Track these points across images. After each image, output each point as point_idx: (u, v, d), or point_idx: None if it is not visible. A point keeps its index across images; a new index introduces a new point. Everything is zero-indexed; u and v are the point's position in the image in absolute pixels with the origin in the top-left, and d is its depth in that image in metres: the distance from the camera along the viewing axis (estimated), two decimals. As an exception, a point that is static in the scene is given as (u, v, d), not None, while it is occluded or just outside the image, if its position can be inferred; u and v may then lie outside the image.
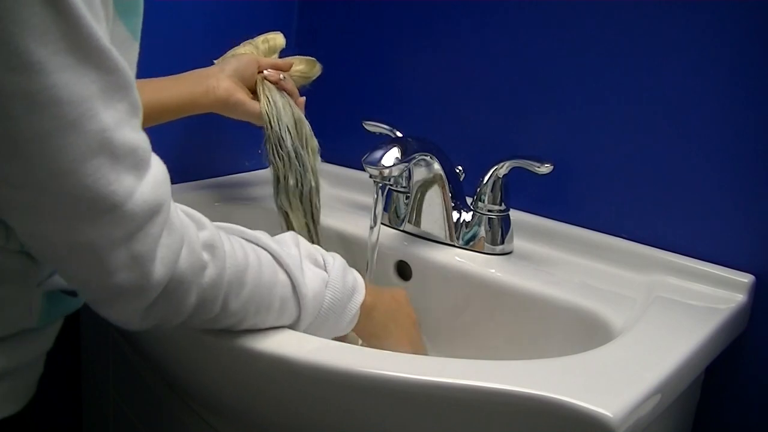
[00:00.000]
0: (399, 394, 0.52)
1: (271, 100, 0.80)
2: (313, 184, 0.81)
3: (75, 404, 1.01)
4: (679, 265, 0.75)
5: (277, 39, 0.88)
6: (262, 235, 0.57)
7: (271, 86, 0.81)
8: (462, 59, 0.92)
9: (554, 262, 0.80)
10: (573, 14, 0.81)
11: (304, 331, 0.59)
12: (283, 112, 0.80)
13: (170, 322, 0.50)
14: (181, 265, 0.47)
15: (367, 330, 0.65)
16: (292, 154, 0.80)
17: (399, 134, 0.87)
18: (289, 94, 0.83)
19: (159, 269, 0.45)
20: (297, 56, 0.89)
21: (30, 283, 0.52)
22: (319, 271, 0.60)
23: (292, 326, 0.58)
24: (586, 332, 0.68)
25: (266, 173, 1.09)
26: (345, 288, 0.61)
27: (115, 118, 0.41)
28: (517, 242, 0.83)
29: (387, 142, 0.74)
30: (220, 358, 0.60)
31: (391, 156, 0.71)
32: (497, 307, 0.76)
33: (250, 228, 0.59)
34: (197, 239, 0.49)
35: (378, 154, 0.71)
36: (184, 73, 0.79)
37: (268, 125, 0.80)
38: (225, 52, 1.03)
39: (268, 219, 0.94)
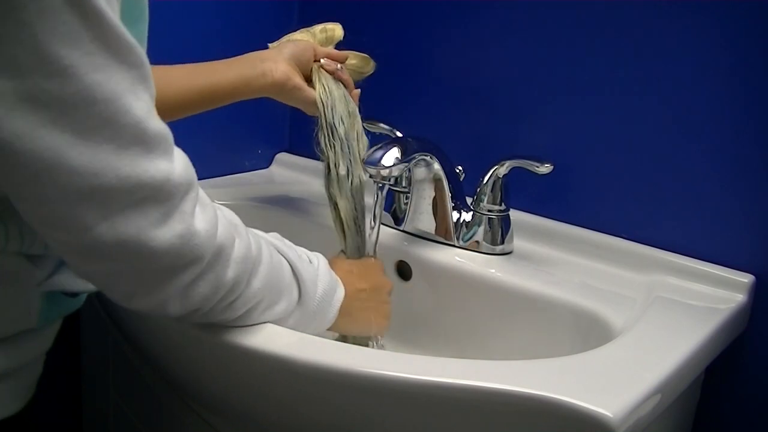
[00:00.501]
0: (399, 394, 0.52)
1: (327, 88, 0.78)
2: (363, 177, 0.78)
3: (75, 404, 1.01)
4: (679, 265, 0.75)
5: (336, 30, 0.86)
6: (255, 230, 0.59)
7: (328, 75, 0.80)
8: (462, 59, 0.92)
9: (554, 262, 0.80)
10: (573, 14, 0.81)
11: (299, 322, 0.59)
12: (338, 102, 0.78)
13: (206, 305, 0.51)
14: (219, 236, 0.49)
15: (342, 327, 0.66)
16: (345, 144, 0.77)
17: (399, 134, 0.87)
18: (345, 86, 0.81)
19: (203, 240, 0.47)
20: (352, 51, 0.86)
21: (29, 285, 0.52)
22: (309, 265, 0.62)
23: (295, 312, 0.59)
24: (586, 332, 0.68)
25: (266, 173, 1.09)
26: (331, 282, 0.63)
27: (144, 109, 0.43)
28: (517, 242, 0.83)
29: (387, 142, 0.74)
30: (219, 358, 0.60)
31: (391, 156, 0.71)
32: (497, 307, 0.76)
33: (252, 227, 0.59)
34: (223, 216, 0.51)
35: (378, 154, 0.71)
36: (241, 56, 0.78)
37: (323, 113, 0.77)
38: (226, 52, 1.03)
39: (268, 219, 0.94)
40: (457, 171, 0.84)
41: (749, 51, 0.70)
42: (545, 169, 0.75)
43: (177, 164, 0.45)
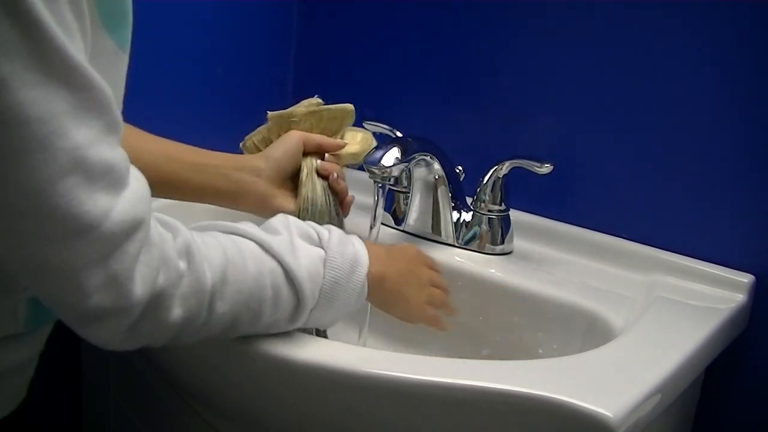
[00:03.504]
0: (399, 394, 0.52)
1: (308, 198, 0.70)
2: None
3: (75, 404, 1.01)
4: (679, 265, 0.75)
5: (347, 116, 0.76)
6: (246, 226, 0.55)
7: (316, 181, 0.71)
8: (462, 59, 0.92)
9: (554, 262, 0.80)
10: (572, 15, 0.81)
11: (313, 316, 0.56)
12: (317, 215, 0.70)
13: (158, 341, 0.48)
14: (159, 280, 0.46)
15: (381, 300, 0.63)
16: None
17: (399, 134, 0.87)
18: (336, 193, 0.73)
19: (139, 288, 0.44)
20: (352, 130, 0.78)
21: (13, 290, 0.51)
22: (315, 249, 0.57)
23: (297, 314, 0.55)
24: (586, 332, 0.68)
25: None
26: (344, 261, 0.57)
27: (88, 136, 0.40)
28: (517, 242, 0.83)
29: (387, 142, 0.74)
30: (220, 359, 0.60)
31: (391, 156, 0.71)
32: (497, 307, 0.76)
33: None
34: (173, 250, 0.47)
35: (378, 154, 0.71)
36: (219, 155, 0.71)
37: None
38: (225, 52, 1.03)
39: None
40: (457, 171, 0.84)
41: (748, 51, 0.70)
42: (545, 169, 0.75)
43: (124, 200, 0.42)
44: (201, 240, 0.50)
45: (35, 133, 0.38)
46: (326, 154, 0.73)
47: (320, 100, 0.76)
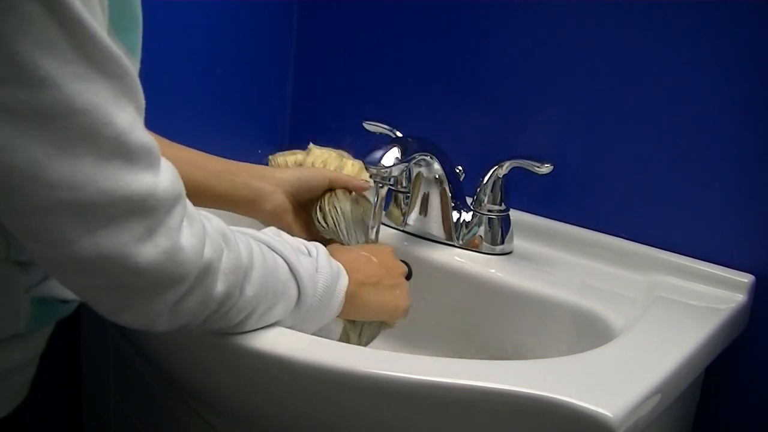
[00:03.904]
0: (399, 394, 0.52)
1: (339, 210, 0.73)
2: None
3: (75, 404, 1.01)
4: (679, 265, 0.75)
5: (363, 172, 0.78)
6: (247, 229, 0.58)
7: (345, 201, 0.74)
8: (462, 59, 0.92)
9: (554, 262, 0.80)
10: (573, 14, 0.81)
11: (303, 319, 0.58)
12: (355, 231, 0.74)
13: (196, 319, 0.50)
14: (206, 251, 0.47)
15: (351, 314, 0.65)
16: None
17: (399, 134, 0.87)
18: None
19: (190, 256, 0.46)
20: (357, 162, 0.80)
21: (17, 290, 0.51)
22: (308, 258, 0.60)
23: (295, 312, 0.57)
24: (586, 332, 0.68)
25: (266, 173, 1.09)
26: (332, 272, 0.61)
27: (128, 121, 0.41)
28: (517, 242, 0.83)
29: (387, 142, 0.74)
30: (220, 357, 0.60)
31: (391, 156, 0.71)
32: (497, 307, 0.76)
33: (249, 227, 0.59)
34: (211, 227, 0.50)
35: (378, 154, 0.71)
36: (239, 165, 0.73)
37: (340, 239, 0.73)
38: (225, 52, 1.03)
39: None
40: (457, 171, 0.84)
41: (749, 50, 0.70)
42: (545, 169, 0.75)
43: (162, 177, 0.44)
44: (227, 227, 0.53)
45: (82, 124, 0.39)
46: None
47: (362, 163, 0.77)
